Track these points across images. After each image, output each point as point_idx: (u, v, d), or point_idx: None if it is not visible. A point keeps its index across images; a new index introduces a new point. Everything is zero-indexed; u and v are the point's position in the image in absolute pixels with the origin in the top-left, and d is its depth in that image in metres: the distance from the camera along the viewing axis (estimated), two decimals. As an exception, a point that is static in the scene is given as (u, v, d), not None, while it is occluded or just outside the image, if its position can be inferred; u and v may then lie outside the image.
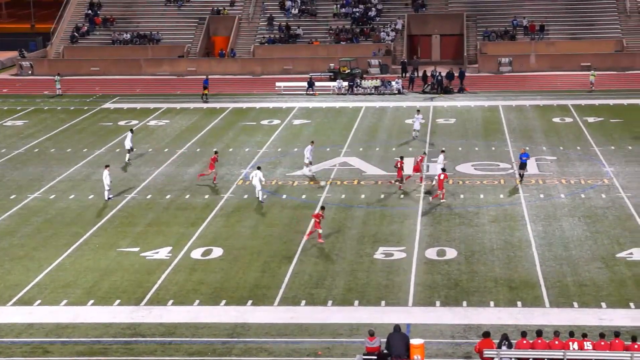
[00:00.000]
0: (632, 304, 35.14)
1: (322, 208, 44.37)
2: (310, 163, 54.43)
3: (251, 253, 41.53)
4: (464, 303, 35.60)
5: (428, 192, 49.73)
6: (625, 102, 72.32)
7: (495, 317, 34.27)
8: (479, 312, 34.70)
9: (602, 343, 29.30)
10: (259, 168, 50.09)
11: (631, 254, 40.26)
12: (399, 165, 50.79)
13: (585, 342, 29.33)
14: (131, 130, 59.86)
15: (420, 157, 52.08)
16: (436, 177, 49.34)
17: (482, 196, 49.23)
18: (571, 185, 50.89)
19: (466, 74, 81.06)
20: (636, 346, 29.14)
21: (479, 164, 55.51)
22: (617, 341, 29.32)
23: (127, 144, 58.08)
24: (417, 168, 51.25)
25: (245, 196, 50.15)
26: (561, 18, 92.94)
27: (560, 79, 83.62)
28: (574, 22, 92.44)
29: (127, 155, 58.15)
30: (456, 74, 79.65)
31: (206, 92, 77.76)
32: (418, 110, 63.98)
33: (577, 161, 55.64)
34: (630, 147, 58.10)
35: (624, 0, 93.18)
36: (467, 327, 33.46)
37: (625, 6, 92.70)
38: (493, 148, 58.99)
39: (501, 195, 49.23)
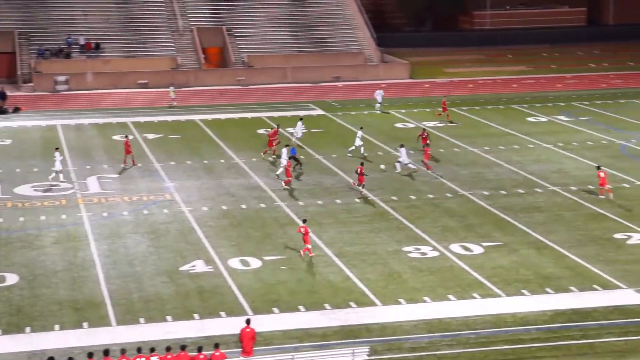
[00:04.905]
0: (196, 315, 35.73)
1: (304, 221, 42.75)
2: (60, 172, 53.43)
3: None
4: (27, 329, 34.30)
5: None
6: (183, 118, 73.83)
7: (61, 340, 33.40)
8: (43, 337, 33.63)
9: (169, 356, 29.51)
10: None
11: (194, 266, 40.97)
12: (359, 171, 51.50)
13: (152, 357, 29.41)
14: None
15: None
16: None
17: (43, 218, 47.86)
18: (134, 202, 50.93)
19: (19, 94, 78.48)
20: (202, 356, 29.67)
21: (39, 185, 53.97)
22: (182, 353, 29.68)
23: None
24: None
25: None
26: (116, 36, 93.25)
27: (119, 96, 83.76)
28: (129, 40, 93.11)
29: None
30: None
31: None
32: (361, 128, 62.97)
33: (139, 178, 55.84)
34: (189, 162, 59.30)
35: (176, 19, 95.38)
36: (31, 353, 32.33)
37: (178, 25, 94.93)
38: (52, 169, 57.50)
39: (63, 216, 48.15)
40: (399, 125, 70.12)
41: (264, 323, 34.61)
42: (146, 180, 55.29)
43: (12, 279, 39.30)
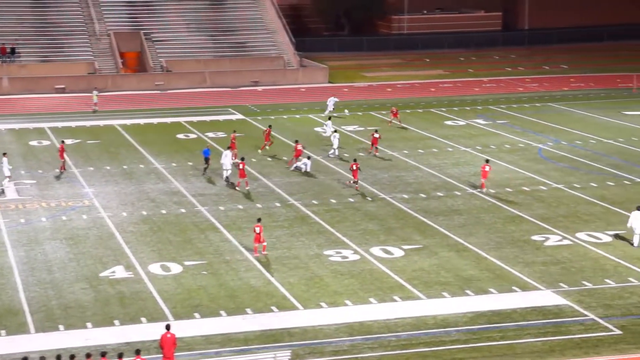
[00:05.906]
0: (116, 322, 35.39)
1: (259, 220, 43.47)
2: (8, 177, 52.86)
3: None
4: (-56, 339, 33.67)
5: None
6: (102, 123, 73.06)
7: (-22, 349, 32.82)
8: (-40, 347, 33.00)
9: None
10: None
11: (114, 272, 40.58)
12: (354, 168, 53.40)
13: (70, 365, 29.07)
14: None
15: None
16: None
17: (-42, 225, 47.03)
18: (52, 208, 50.25)
19: None
20: (124, 363, 29.42)
21: (-46, 192, 53.06)
22: (103, 360, 29.44)
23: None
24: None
25: None
26: (32, 41, 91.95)
27: (35, 101, 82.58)
28: (45, 45, 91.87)
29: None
30: None
31: None
32: (335, 130, 64.11)
33: (57, 183, 55.13)
34: (108, 168, 58.71)
35: (93, 24, 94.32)
36: (-53, 363, 31.68)
37: (95, 29, 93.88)
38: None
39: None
40: (318, 129, 70.25)
41: (185, 328, 34.42)
42: (64, 186, 54.60)
43: None
